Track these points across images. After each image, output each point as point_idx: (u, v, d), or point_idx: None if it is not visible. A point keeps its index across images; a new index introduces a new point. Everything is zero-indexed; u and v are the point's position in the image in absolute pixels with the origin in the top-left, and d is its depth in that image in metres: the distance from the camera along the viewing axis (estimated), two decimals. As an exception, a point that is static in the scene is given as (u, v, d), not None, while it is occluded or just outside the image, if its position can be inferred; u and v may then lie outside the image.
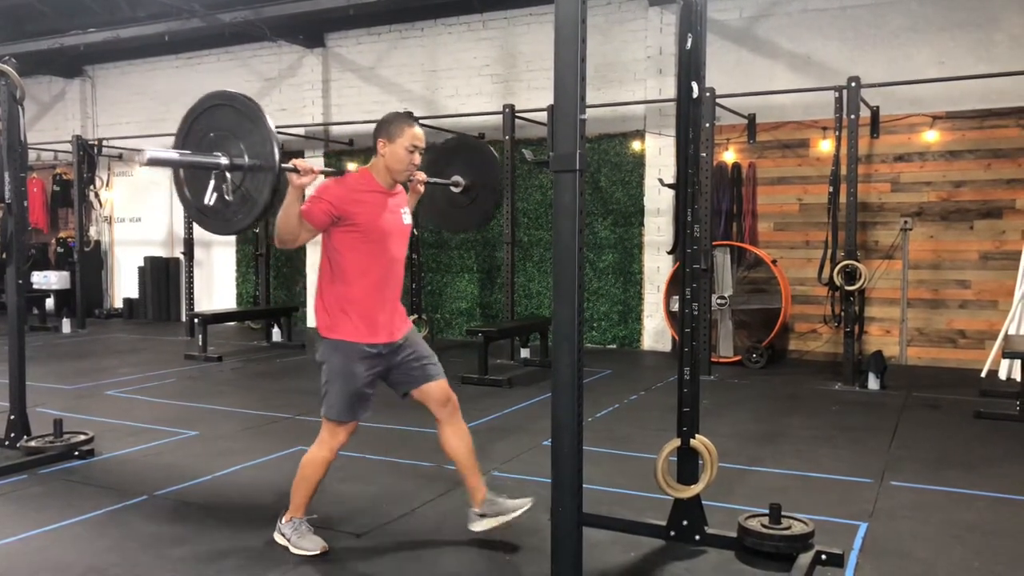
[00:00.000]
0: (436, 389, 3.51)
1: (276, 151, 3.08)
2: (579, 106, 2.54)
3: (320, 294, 3.40)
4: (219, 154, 3.12)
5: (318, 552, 3.36)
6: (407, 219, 3.54)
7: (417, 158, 3.42)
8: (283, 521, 3.48)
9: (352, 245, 3.31)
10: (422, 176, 3.77)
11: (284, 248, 3.31)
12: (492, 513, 3.48)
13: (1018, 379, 6.48)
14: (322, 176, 3.37)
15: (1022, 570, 3.29)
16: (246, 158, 3.12)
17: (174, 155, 3.15)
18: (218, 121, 3.20)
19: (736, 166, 8.95)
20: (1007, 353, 6.35)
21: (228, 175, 3.08)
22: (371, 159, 3.44)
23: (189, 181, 3.29)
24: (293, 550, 3.39)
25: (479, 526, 3.49)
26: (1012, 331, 7.41)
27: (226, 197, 3.08)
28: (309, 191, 3.27)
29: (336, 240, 3.32)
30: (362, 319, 3.33)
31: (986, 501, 4.12)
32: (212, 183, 3.10)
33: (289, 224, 3.17)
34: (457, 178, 4.46)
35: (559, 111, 2.58)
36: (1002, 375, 7.45)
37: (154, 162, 2.98)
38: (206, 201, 3.11)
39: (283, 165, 3.14)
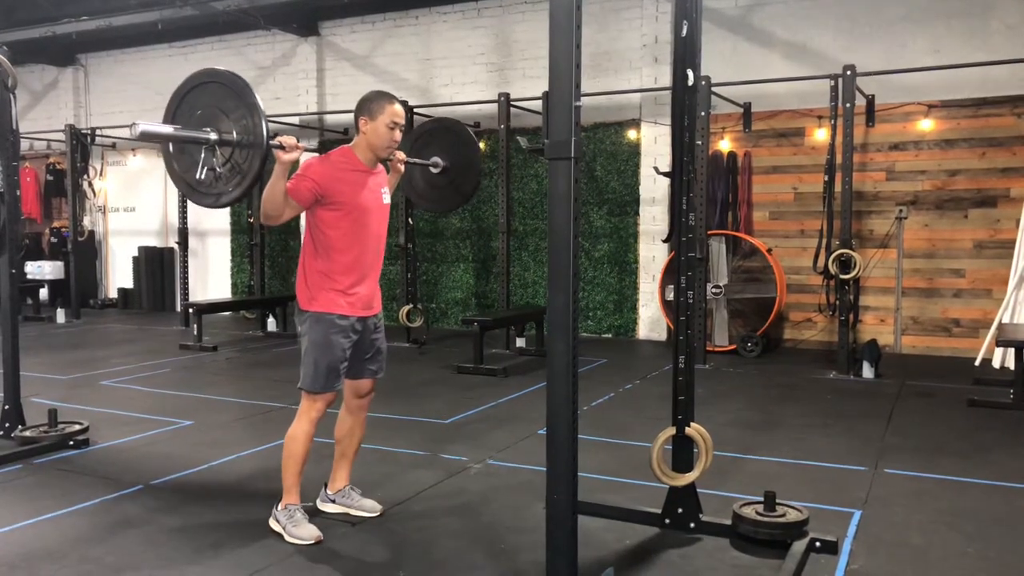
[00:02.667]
0: (368, 385, 3.68)
1: (264, 126, 3.14)
2: (574, 93, 2.53)
3: (302, 269, 3.49)
4: (209, 129, 3.20)
5: (312, 542, 3.37)
6: (387, 198, 3.62)
7: (398, 135, 3.48)
8: (278, 508, 3.50)
9: (334, 222, 3.39)
10: (402, 156, 3.87)
11: (269, 224, 3.42)
12: (342, 502, 3.71)
13: (1012, 367, 6.49)
14: (307, 153, 3.43)
15: (1015, 556, 3.31)
16: (235, 134, 3.19)
17: (167, 129, 3.21)
18: (206, 98, 3.27)
19: (732, 155, 8.95)
20: (1001, 341, 6.36)
21: (218, 150, 3.16)
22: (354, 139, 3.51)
23: (178, 157, 3.37)
24: (287, 538, 3.40)
25: (325, 506, 3.72)
26: (1006, 319, 7.43)
27: (217, 170, 3.17)
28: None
29: (319, 217, 3.39)
30: (341, 293, 3.43)
31: (979, 488, 4.14)
32: (203, 158, 3.18)
33: (275, 201, 3.23)
34: (436, 159, 4.54)
35: (554, 98, 2.57)
36: (996, 363, 7.47)
37: (146, 135, 3.03)
38: (198, 176, 3.20)
39: (269, 142, 3.19)
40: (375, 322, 3.60)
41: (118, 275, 13.28)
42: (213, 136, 3.19)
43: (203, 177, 3.20)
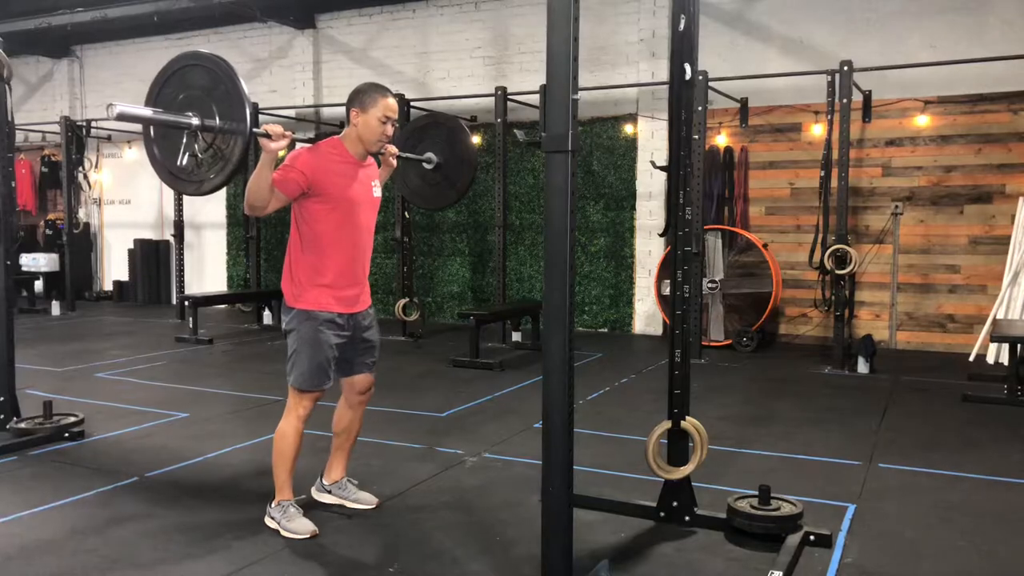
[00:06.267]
0: (364, 381, 3.65)
1: (248, 113, 3.05)
2: (571, 86, 2.53)
3: (289, 264, 3.41)
4: (191, 114, 3.10)
5: (307, 536, 3.36)
6: (377, 191, 3.54)
7: (390, 129, 3.41)
8: (272, 505, 3.49)
9: (322, 216, 3.31)
10: (394, 150, 3.78)
11: (253, 215, 3.32)
12: (338, 494, 3.71)
13: (1006, 363, 6.52)
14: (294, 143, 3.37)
15: (1006, 549, 3.33)
16: (218, 120, 3.09)
17: (146, 111, 3.10)
18: (191, 82, 3.17)
19: (728, 150, 8.95)
20: (995, 337, 6.38)
21: (200, 135, 3.07)
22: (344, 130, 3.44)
23: (160, 143, 3.26)
24: (284, 533, 3.39)
25: (321, 496, 3.72)
26: (1000, 315, 7.45)
27: (199, 156, 3.08)
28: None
29: (306, 210, 3.32)
30: (329, 289, 3.36)
31: (972, 482, 4.16)
32: (184, 143, 3.09)
33: (260, 191, 3.14)
34: (430, 155, 4.44)
35: (551, 91, 2.57)
36: (990, 359, 7.50)
37: (124, 116, 2.92)
38: (178, 162, 3.11)
39: (255, 130, 3.11)
40: (365, 317, 3.55)
41: (113, 268, 13.25)
42: (195, 121, 3.08)
43: (184, 163, 3.10)
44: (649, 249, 9.35)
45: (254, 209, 3.21)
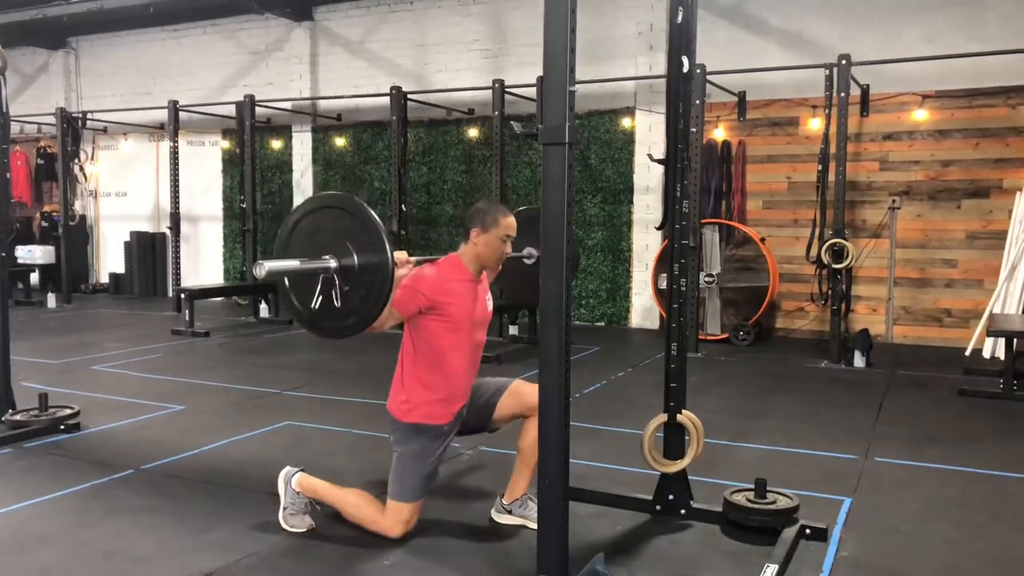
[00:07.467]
0: (523, 390, 3.42)
1: (388, 248, 2.93)
2: (569, 77, 2.52)
3: (401, 376, 3.34)
4: (327, 256, 3.00)
5: (304, 530, 3.36)
6: (490, 305, 3.49)
7: (509, 248, 3.37)
8: (294, 481, 3.43)
9: (439, 333, 3.25)
10: None
11: (368, 331, 3.14)
12: (519, 514, 3.47)
13: (1002, 357, 6.52)
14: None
15: (1002, 544, 3.34)
16: (356, 259, 2.98)
17: (292, 264, 3.03)
18: (319, 224, 3.09)
19: (726, 144, 8.93)
20: (992, 331, 6.40)
21: (336, 278, 2.98)
22: (460, 246, 3.37)
23: (295, 288, 3.12)
24: (283, 524, 3.38)
25: (501, 518, 3.50)
26: (997, 310, 7.46)
27: (335, 303, 2.98)
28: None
29: (423, 328, 3.26)
30: (441, 402, 3.29)
31: (968, 477, 4.17)
32: (320, 286, 2.99)
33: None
34: (530, 250, 4.31)
35: (548, 82, 2.56)
36: (986, 353, 7.51)
37: (273, 272, 2.89)
38: (313, 305, 3.01)
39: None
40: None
41: (109, 260, 13.22)
42: (333, 264, 2.99)
43: (317, 306, 3.00)
44: (646, 243, 9.34)
45: (370, 328, 3.12)
